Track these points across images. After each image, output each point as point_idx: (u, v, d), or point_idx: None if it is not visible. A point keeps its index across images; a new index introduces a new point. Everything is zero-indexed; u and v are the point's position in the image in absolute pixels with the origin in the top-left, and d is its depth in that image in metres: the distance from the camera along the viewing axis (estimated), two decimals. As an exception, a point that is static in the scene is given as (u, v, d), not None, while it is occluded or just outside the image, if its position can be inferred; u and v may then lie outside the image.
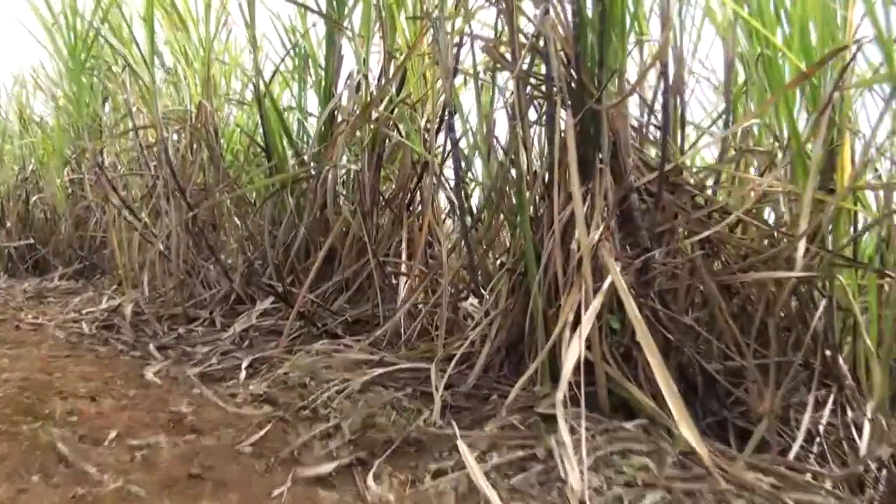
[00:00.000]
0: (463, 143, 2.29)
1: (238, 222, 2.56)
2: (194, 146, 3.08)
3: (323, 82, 2.69)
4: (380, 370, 1.69)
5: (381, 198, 2.38)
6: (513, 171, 1.86)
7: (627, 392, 1.48)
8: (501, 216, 1.93)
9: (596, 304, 1.46)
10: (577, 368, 1.41)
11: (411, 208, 2.41)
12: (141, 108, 3.43)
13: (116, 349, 2.10)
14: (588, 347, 1.48)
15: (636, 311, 1.42)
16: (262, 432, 1.37)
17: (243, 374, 1.79)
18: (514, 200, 1.87)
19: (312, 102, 2.89)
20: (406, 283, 2.16)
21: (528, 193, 1.70)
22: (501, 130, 2.13)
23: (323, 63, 2.70)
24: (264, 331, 2.24)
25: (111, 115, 4.39)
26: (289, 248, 2.64)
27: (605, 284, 1.50)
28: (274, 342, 2.12)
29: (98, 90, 4.49)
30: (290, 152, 2.61)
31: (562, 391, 1.25)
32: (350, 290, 2.35)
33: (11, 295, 3.55)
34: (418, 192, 2.42)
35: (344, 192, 2.57)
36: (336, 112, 2.63)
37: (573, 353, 1.36)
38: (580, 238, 1.53)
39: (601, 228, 1.55)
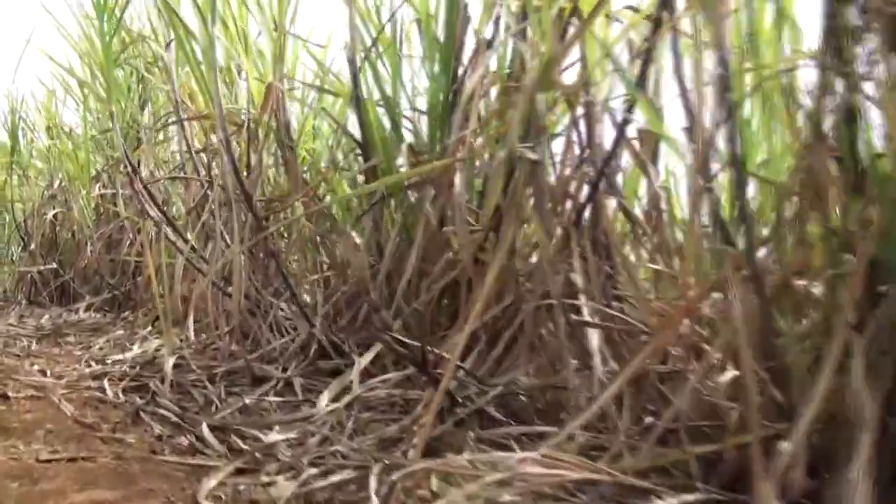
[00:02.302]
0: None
1: (346, 242, 1.81)
2: (253, 146, 2.36)
3: (439, 54, 1.97)
4: (628, 511, 0.92)
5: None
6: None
7: None
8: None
9: None
10: None
11: (580, 224, 1.66)
12: (188, 103, 2.74)
13: (152, 435, 1.35)
14: None
15: None
16: None
17: (375, 502, 1.03)
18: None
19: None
20: (600, 338, 1.39)
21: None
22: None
23: (440, 32, 1.99)
24: (377, 406, 1.48)
25: (150, 119, 3.76)
26: (391, 280, 1.90)
27: None
28: (396, 426, 1.36)
29: (136, 93, 3.89)
30: (401, 149, 1.86)
31: None
32: (496, 348, 1.58)
33: (22, 331, 2.84)
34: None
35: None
36: (457, 95, 1.90)
37: None
38: None
39: None
